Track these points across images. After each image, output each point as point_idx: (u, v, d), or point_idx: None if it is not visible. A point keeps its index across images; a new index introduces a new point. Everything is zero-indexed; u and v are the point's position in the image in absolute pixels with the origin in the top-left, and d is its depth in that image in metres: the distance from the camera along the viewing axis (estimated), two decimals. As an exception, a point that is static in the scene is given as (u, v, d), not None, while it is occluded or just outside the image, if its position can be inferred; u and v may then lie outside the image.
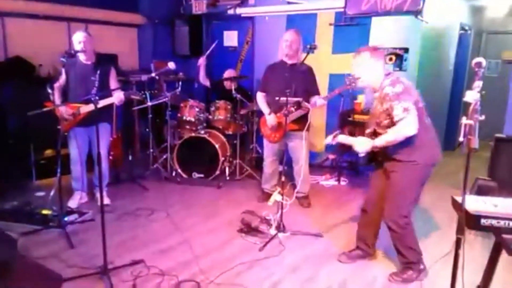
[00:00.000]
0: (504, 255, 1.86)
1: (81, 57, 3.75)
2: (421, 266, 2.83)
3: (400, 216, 2.72)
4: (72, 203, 3.94)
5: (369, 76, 2.72)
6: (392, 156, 2.69)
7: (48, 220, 3.50)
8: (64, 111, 3.65)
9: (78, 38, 3.68)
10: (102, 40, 3.87)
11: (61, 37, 5.30)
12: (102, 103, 3.37)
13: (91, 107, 3.50)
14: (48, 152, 4.65)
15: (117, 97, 3.63)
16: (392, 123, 2.57)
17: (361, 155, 2.77)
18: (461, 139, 1.76)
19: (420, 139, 2.57)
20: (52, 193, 3.77)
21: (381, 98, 2.64)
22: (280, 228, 3.46)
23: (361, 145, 2.71)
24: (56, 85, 3.75)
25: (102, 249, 2.68)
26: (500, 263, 1.97)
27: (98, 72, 3.71)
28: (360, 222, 3.07)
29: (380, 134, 2.69)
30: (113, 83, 3.83)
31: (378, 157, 2.83)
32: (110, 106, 3.79)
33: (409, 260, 2.79)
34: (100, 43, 3.85)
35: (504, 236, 1.78)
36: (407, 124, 2.50)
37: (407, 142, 2.56)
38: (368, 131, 2.82)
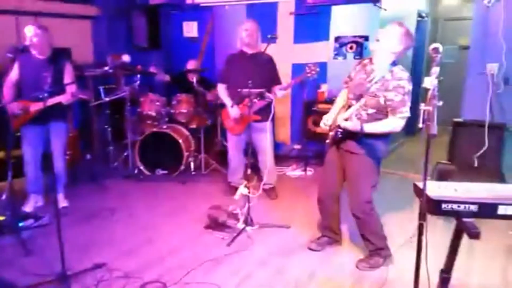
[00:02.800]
0: (465, 239, 1.89)
1: (34, 51, 3.54)
2: (387, 252, 2.87)
3: (365, 202, 2.75)
4: (28, 207, 3.73)
5: (383, 51, 2.59)
6: (359, 142, 2.66)
7: (1, 226, 3.28)
8: (15, 107, 3.45)
9: (27, 33, 3.47)
10: (54, 34, 3.65)
11: (9, 31, 4.99)
12: (50, 101, 3.18)
13: (40, 105, 3.31)
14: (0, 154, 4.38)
15: (64, 96, 3.46)
16: (382, 109, 2.56)
17: (324, 127, 2.79)
18: (420, 125, 1.77)
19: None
20: (3, 197, 3.55)
21: (387, 82, 2.55)
22: (248, 221, 3.42)
23: (352, 123, 2.55)
24: (5, 81, 3.52)
25: (60, 254, 2.54)
26: (462, 246, 2.00)
27: (52, 67, 3.52)
28: (321, 213, 3.09)
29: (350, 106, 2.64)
30: (67, 78, 3.64)
31: (344, 139, 2.74)
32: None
33: (376, 246, 2.83)
34: (52, 37, 3.64)
35: (465, 220, 1.81)
36: (403, 122, 2.56)
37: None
38: (349, 102, 2.73)
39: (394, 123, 2.57)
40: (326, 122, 2.81)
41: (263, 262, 2.95)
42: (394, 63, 2.62)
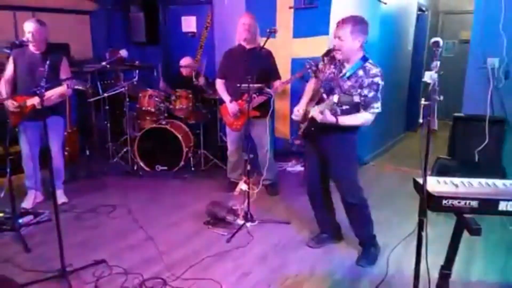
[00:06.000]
0: (466, 235, 1.88)
1: (31, 47, 3.52)
2: (376, 239, 2.92)
3: (357, 188, 2.78)
4: (27, 204, 3.72)
5: (347, 51, 2.59)
6: (335, 130, 2.64)
7: (0, 223, 3.28)
8: (10, 104, 3.42)
9: (27, 28, 3.45)
10: (52, 29, 3.63)
11: (7, 27, 4.96)
12: (48, 94, 3.16)
13: (37, 99, 3.29)
14: (-2, 150, 4.37)
15: (60, 89, 3.43)
16: (355, 104, 2.54)
17: (296, 118, 2.78)
18: (421, 120, 1.75)
19: None
20: (2, 194, 3.54)
21: (360, 79, 2.56)
22: (248, 217, 3.41)
23: (326, 117, 2.53)
24: (2, 77, 3.51)
25: (59, 251, 2.54)
26: (462, 243, 1.99)
27: (48, 62, 3.49)
28: (314, 209, 3.10)
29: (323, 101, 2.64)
30: (64, 73, 3.61)
31: (316, 131, 2.73)
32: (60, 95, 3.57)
33: (370, 234, 2.87)
34: (50, 32, 3.62)
35: (466, 216, 1.79)
36: (374, 116, 2.59)
37: None
38: (319, 94, 2.75)
39: (366, 117, 2.60)
40: (297, 113, 2.80)
41: (263, 258, 2.94)
42: (364, 58, 2.61)
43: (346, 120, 2.58)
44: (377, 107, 2.58)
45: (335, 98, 2.42)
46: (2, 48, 4.09)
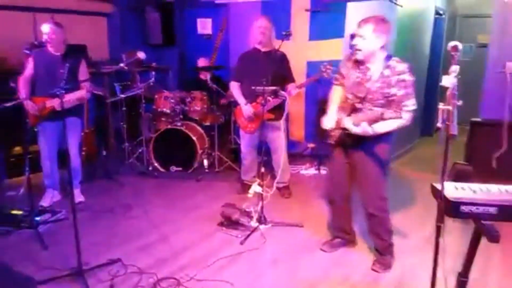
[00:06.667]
0: (483, 241, 1.85)
1: (50, 48, 3.59)
2: (393, 247, 2.87)
3: (382, 199, 2.72)
4: (45, 202, 3.78)
5: (368, 51, 2.54)
6: (368, 139, 2.57)
7: (19, 220, 3.35)
8: (30, 107, 3.49)
9: (44, 30, 3.53)
10: (70, 30, 3.69)
11: (27, 28, 5.06)
12: (67, 98, 3.22)
13: (57, 101, 3.35)
14: (18, 149, 4.46)
15: (79, 92, 3.50)
16: (388, 107, 2.47)
17: (328, 127, 2.71)
18: (439, 125, 1.73)
19: None
20: (21, 192, 3.61)
21: (387, 79, 2.49)
22: (261, 220, 3.42)
23: (363, 128, 2.48)
24: (21, 77, 3.58)
25: (76, 249, 2.57)
26: (480, 249, 1.96)
27: (67, 64, 3.55)
28: (333, 214, 3.05)
29: (360, 109, 2.57)
30: (82, 75, 3.67)
31: (348, 139, 2.68)
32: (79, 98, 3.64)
33: (388, 243, 2.81)
34: (68, 34, 3.69)
35: (484, 222, 1.77)
36: (410, 116, 2.47)
37: None
38: (349, 102, 2.66)
39: (407, 118, 2.47)
40: (328, 124, 2.72)
41: (276, 260, 2.94)
42: (388, 57, 2.55)
43: (382, 127, 2.48)
44: (411, 104, 2.47)
45: (379, 112, 2.36)
46: (21, 49, 4.19)
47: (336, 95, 2.85)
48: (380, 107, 2.50)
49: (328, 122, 2.73)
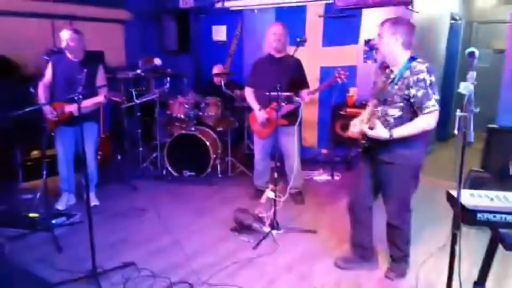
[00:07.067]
0: (500, 249, 1.83)
1: (69, 54, 3.66)
2: (409, 257, 2.80)
3: (406, 212, 2.64)
4: (60, 205, 3.84)
5: (387, 50, 2.49)
6: (393, 147, 2.46)
7: (35, 223, 3.41)
8: (49, 112, 3.56)
9: (63, 36, 3.60)
10: (87, 37, 3.76)
11: (46, 34, 5.18)
12: (85, 103, 3.27)
13: (75, 107, 3.41)
14: (35, 153, 4.53)
15: (97, 98, 3.55)
16: (408, 109, 2.41)
17: (353, 135, 2.61)
18: (455, 131, 1.71)
19: (422, 136, 2.48)
20: (38, 195, 3.68)
21: (406, 79, 2.40)
22: (274, 225, 3.41)
23: (378, 131, 2.40)
24: (40, 83, 3.66)
25: (90, 252, 2.61)
26: (496, 257, 1.93)
27: (85, 70, 3.62)
28: (352, 224, 2.86)
29: (382, 116, 2.49)
30: (100, 81, 3.74)
31: (374, 147, 2.56)
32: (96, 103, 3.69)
33: (405, 253, 2.75)
34: (86, 40, 3.76)
35: (501, 230, 1.74)
36: (435, 116, 2.36)
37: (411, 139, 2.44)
38: (369, 109, 2.60)
39: (424, 121, 2.37)
40: (352, 129, 2.64)
41: (288, 267, 2.93)
42: (412, 58, 2.46)
43: (402, 131, 2.38)
44: (432, 105, 2.34)
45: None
46: (41, 55, 4.28)
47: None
48: (400, 111, 2.43)
49: (351, 129, 2.65)
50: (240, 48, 5.89)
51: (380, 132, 2.38)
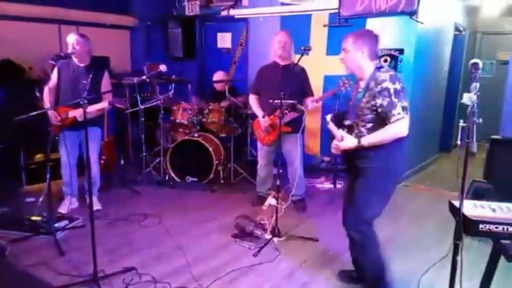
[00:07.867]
0: (502, 260, 1.82)
1: (75, 59, 3.69)
2: (388, 286, 2.59)
3: (361, 222, 2.49)
4: (63, 209, 3.85)
5: (351, 63, 2.50)
6: (368, 152, 2.41)
7: (37, 226, 3.42)
8: (53, 116, 3.58)
9: (70, 40, 3.63)
10: (93, 43, 3.80)
11: (52, 39, 5.24)
12: (90, 109, 3.29)
13: (80, 111, 3.43)
14: (39, 156, 4.56)
15: (101, 104, 3.55)
16: (379, 120, 2.37)
17: (335, 151, 2.58)
18: (458, 142, 1.71)
19: (398, 143, 2.40)
20: (41, 198, 3.69)
21: (372, 91, 2.36)
22: (275, 232, 3.41)
23: (346, 141, 2.43)
24: (46, 87, 3.68)
25: (92, 256, 2.61)
26: (498, 268, 1.92)
27: (91, 75, 3.65)
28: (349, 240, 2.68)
29: (355, 128, 2.48)
30: (105, 86, 3.76)
31: (348, 160, 2.56)
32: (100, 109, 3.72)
33: (375, 278, 2.55)
34: (92, 46, 3.80)
35: (503, 241, 1.74)
36: (404, 123, 2.29)
37: (386, 144, 2.38)
38: (347, 122, 2.57)
39: (393, 129, 2.30)
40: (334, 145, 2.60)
41: (289, 274, 2.92)
42: (377, 69, 2.42)
43: (371, 139, 2.37)
44: (398, 113, 2.27)
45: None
46: (47, 59, 4.32)
47: None
48: (371, 122, 2.40)
49: (333, 151, 2.63)
50: (245, 56, 5.92)
51: (349, 141, 2.41)
